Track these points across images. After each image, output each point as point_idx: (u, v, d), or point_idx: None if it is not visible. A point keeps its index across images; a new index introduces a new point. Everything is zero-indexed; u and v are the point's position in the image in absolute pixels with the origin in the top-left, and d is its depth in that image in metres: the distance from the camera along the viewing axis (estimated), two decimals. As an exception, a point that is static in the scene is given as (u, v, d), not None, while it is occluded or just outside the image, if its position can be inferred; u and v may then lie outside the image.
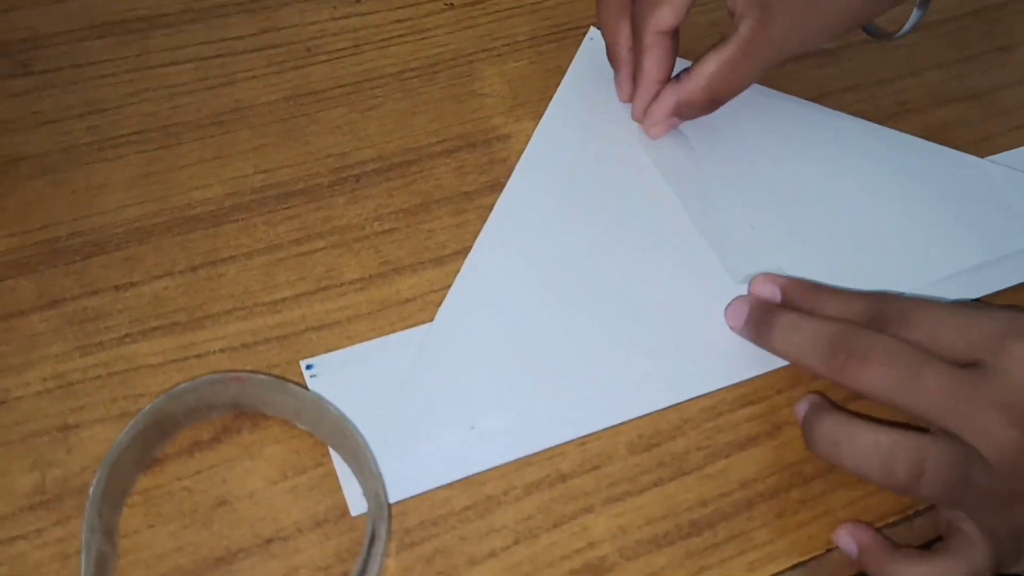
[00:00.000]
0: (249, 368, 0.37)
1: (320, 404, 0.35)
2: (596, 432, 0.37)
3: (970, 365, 0.34)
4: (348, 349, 0.38)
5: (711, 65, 0.40)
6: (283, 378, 0.36)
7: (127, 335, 0.38)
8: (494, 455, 0.36)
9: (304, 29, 0.47)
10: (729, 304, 0.40)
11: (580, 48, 0.47)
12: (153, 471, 0.35)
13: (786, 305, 0.39)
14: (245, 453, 0.36)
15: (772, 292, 0.39)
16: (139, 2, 0.46)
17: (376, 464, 0.34)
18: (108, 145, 0.42)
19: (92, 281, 0.39)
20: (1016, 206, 0.44)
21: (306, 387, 0.37)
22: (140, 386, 0.37)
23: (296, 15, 0.47)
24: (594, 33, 0.48)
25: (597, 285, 0.40)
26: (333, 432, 0.35)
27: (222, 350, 0.38)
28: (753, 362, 0.39)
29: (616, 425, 0.37)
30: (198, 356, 0.38)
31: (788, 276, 0.40)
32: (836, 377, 0.35)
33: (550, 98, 0.46)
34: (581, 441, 0.37)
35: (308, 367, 0.37)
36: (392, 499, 0.35)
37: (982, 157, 0.46)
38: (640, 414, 0.38)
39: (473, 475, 0.36)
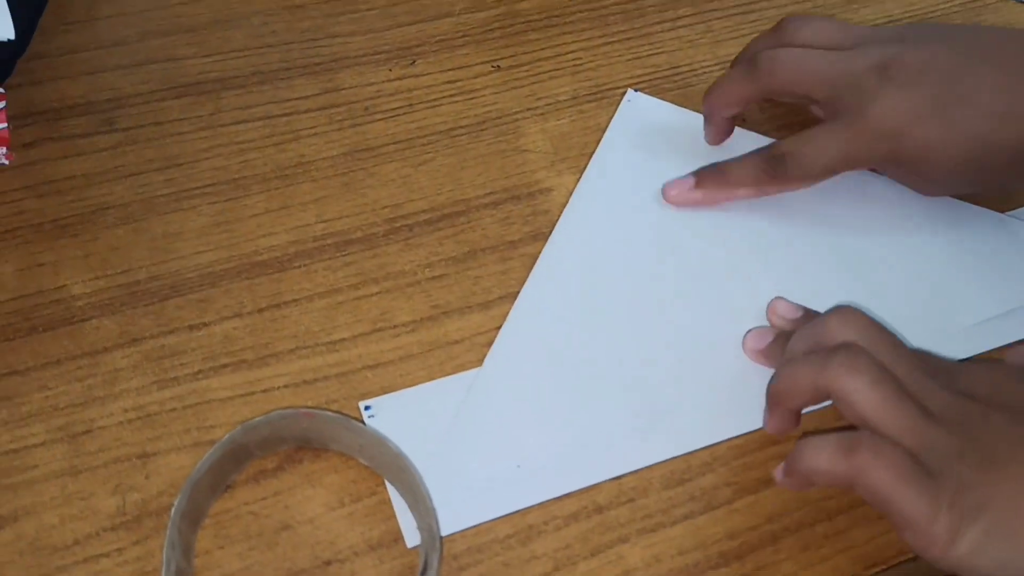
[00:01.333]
0: (310, 403, 0.40)
1: (382, 442, 0.38)
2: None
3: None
4: (403, 392, 0.41)
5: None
6: (348, 415, 0.39)
7: (200, 371, 0.41)
8: (539, 492, 0.39)
9: (362, 90, 0.51)
10: (749, 332, 0.42)
11: (619, 109, 0.50)
12: (223, 497, 0.38)
13: None
14: (306, 481, 0.39)
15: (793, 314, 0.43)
16: (212, 65, 0.51)
17: (431, 499, 0.37)
18: (183, 196, 0.46)
19: (168, 321, 0.42)
20: None
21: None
22: (211, 418, 0.40)
23: (355, 77, 0.51)
24: (631, 95, 0.51)
25: (637, 332, 0.43)
26: (392, 468, 0.38)
27: (285, 386, 0.41)
28: None
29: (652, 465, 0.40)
30: (264, 391, 0.41)
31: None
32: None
33: (590, 154, 0.49)
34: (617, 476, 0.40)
35: (366, 408, 0.40)
36: (443, 532, 0.38)
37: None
38: (677, 454, 0.40)
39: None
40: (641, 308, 0.44)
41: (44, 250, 0.44)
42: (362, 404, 0.41)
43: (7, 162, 0.46)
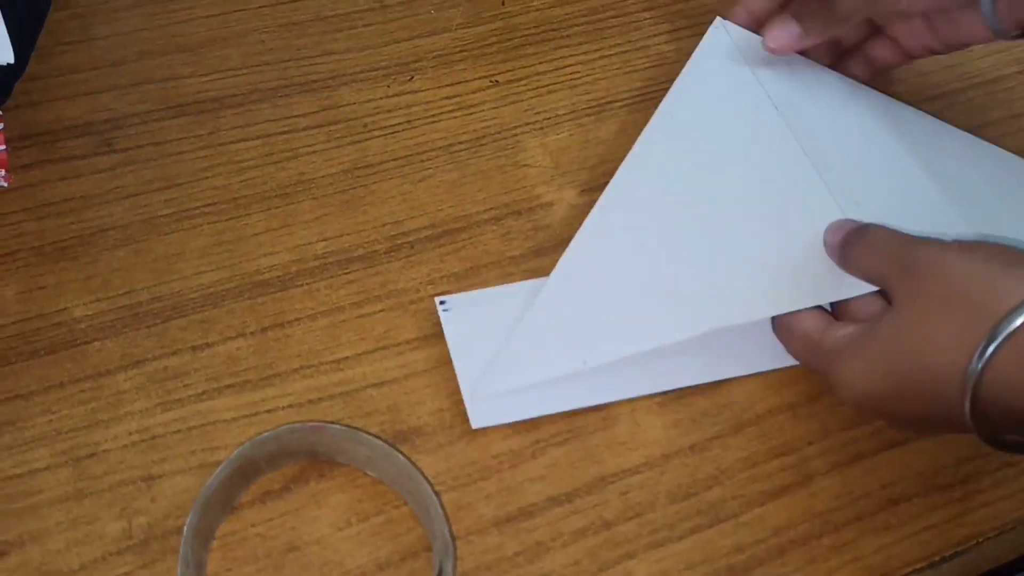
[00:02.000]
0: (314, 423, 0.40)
1: (390, 452, 0.38)
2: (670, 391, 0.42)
3: None
4: (479, 291, 0.44)
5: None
6: (356, 428, 0.39)
7: (204, 392, 0.41)
8: (600, 393, 0.41)
9: (361, 107, 0.51)
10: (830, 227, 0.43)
11: (705, 35, 0.50)
12: (230, 518, 0.38)
13: None
14: (313, 501, 0.39)
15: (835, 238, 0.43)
16: (211, 84, 0.50)
17: (442, 506, 0.37)
18: (184, 216, 0.46)
19: (171, 342, 0.42)
20: None
21: (378, 437, 0.40)
22: (216, 439, 0.40)
23: (353, 94, 0.51)
24: (720, 22, 0.50)
25: (707, 238, 0.44)
26: (401, 478, 0.38)
27: (290, 406, 0.41)
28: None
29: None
30: (268, 411, 0.41)
31: None
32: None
33: (590, 168, 0.49)
34: (624, 490, 0.40)
35: (441, 302, 0.43)
36: (510, 419, 0.40)
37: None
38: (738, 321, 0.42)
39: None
40: (712, 218, 0.45)
41: (45, 273, 0.44)
42: (438, 299, 0.43)
43: (6, 184, 0.46)
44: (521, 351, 0.41)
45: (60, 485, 0.38)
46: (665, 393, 0.42)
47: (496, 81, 0.52)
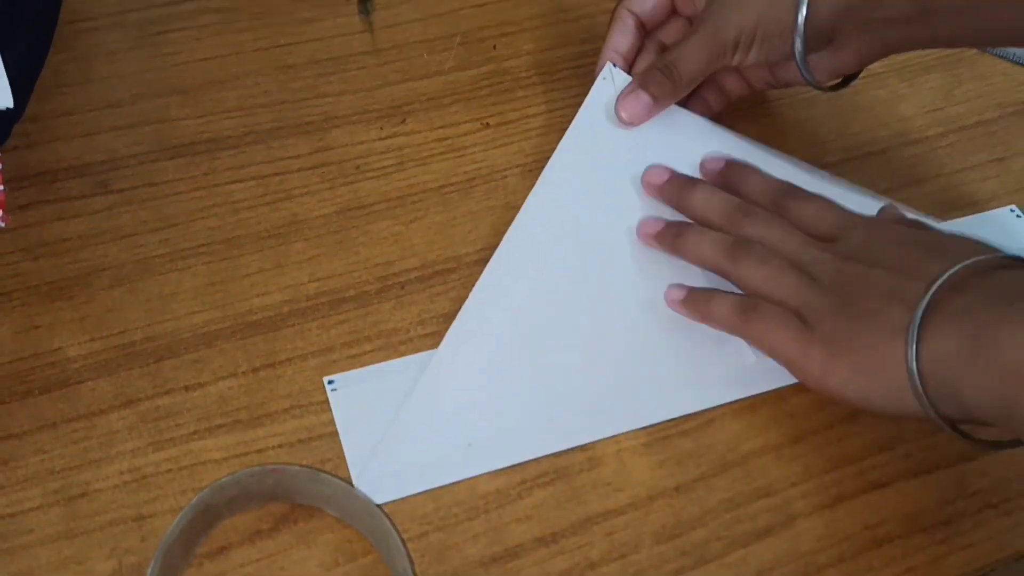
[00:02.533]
0: (305, 462, 0.41)
1: (349, 491, 0.39)
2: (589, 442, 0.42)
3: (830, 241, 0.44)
4: (366, 368, 0.43)
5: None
6: (316, 468, 0.40)
7: (195, 432, 0.41)
8: (486, 462, 0.41)
9: (353, 148, 0.52)
10: (642, 220, 0.47)
11: (594, 85, 0.51)
12: (218, 559, 0.38)
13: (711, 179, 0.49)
14: (301, 542, 0.39)
15: (716, 165, 0.49)
16: (206, 126, 0.51)
17: (404, 545, 0.37)
18: (178, 256, 0.47)
19: (164, 382, 0.43)
20: None
21: (343, 479, 0.40)
22: (207, 479, 0.40)
23: (346, 136, 0.52)
24: (608, 71, 0.51)
25: (593, 314, 0.45)
26: (361, 516, 0.39)
27: (280, 446, 0.42)
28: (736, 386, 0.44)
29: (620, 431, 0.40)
30: (258, 451, 0.41)
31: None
32: (727, 228, 0.45)
33: (578, 210, 0.50)
34: (609, 530, 0.40)
35: (330, 382, 0.43)
36: (391, 497, 0.40)
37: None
38: (621, 430, 0.43)
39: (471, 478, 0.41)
40: (597, 290, 0.46)
41: (40, 312, 0.44)
42: (326, 379, 0.43)
43: (3, 224, 0.46)
44: (407, 429, 0.41)
45: (51, 524, 0.39)
46: (648, 427, 0.43)
47: (487, 123, 0.53)
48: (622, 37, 0.51)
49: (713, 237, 0.45)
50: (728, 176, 0.49)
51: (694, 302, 0.45)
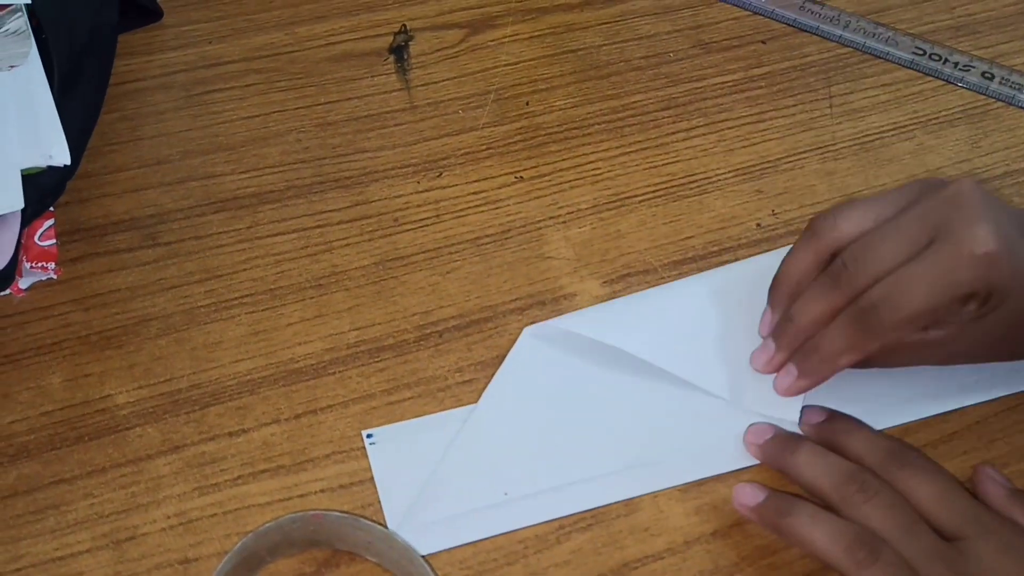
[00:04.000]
0: (347, 507, 0.42)
1: (389, 536, 0.39)
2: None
3: (953, 539, 0.39)
4: (404, 423, 0.44)
5: None
6: (356, 515, 0.40)
7: (239, 477, 0.42)
8: (522, 518, 0.42)
9: (392, 202, 0.53)
10: (751, 425, 0.44)
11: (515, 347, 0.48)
12: (263, 601, 0.39)
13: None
14: (343, 585, 0.40)
15: (817, 418, 0.45)
16: (249, 181, 0.53)
17: None
18: (223, 307, 0.48)
19: (209, 428, 0.44)
20: None
21: (383, 525, 0.41)
22: (251, 523, 0.41)
23: (385, 189, 0.54)
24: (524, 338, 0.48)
25: (628, 384, 0.46)
26: (401, 562, 0.39)
27: (322, 491, 0.42)
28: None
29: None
30: (300, 496, 0.42)
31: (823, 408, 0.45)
32: (842, 505, 0.40)
33: (612, 259, 0.51)
34: (648, 575, 0.40)
35: (368, 436, 0.44)
36: (429, 550, 0.40)
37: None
38: (650, 490, 0.43)
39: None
40: (635, 364, 0.45)
41: (90, 361, 0.46)
42: (364, 432, 0.44)
43: (56, 276, 0.48)
44: (444, 482, 0.42)
45: (100, 567, 0.40)
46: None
47: (521, 177, 0.55)
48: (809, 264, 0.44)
49: (829, 528, 0.39)
50: (831, 433, 0.44)
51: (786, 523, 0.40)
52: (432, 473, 0.42)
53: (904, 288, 0.41)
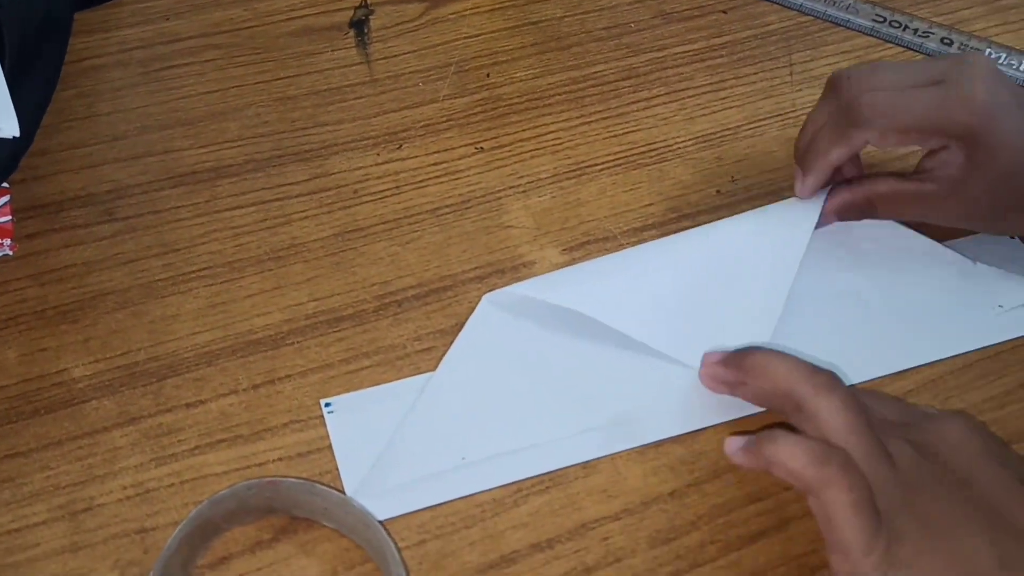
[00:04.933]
0: (304, 475, 0.42)
1: (345, 502, 0.39)
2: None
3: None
4: (362, 391, 0.44)
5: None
6: (313, 480, 0.40)
7: (196, 447, 0.42)
8: (480, 481, 0.42)
9: (351, 174, 0.53)
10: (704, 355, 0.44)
11: (474, 314, 0.47)
12: (220, 569, 0.39)
13: None
14: (300, 552, 0.40)
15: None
16: (208, 155, 0.53)
17: (399, 552, 0.38)
18: (180, 280, 0.48)
19: (166, 400, 0.44)
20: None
21: (340, 491, 0.41)
22: (208, 492, 0.41)
23: (344, 162, 0.53)
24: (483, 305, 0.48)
25: (591, 345, 0.46)
26: (357, 527, 0.39)
27: (280, 459, 0.42)
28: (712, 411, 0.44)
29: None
30: (259, 465, 0.42)
31: None
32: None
33: (572, 228, 0.51)
34: (604, 536, 0.41)
35: (327, 404, 0.44)
36: (388, 515, 0.40)
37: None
38: (608, 452, 0.43)
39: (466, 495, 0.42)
40: (593, 328, 0.45)
41: (46, 336, 0.45)
42: (323, 401, 0.43)
43: (11, 253, 0.48)
44: (402, 448, 0.42)
45: (56, 539, 0.39)
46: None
47: (481, 148, 0.55)
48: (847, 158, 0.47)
49: (800, 441, 0.37)
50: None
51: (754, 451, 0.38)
52: (390, 440, 0.43)
53: (896, 100, 0.44)
